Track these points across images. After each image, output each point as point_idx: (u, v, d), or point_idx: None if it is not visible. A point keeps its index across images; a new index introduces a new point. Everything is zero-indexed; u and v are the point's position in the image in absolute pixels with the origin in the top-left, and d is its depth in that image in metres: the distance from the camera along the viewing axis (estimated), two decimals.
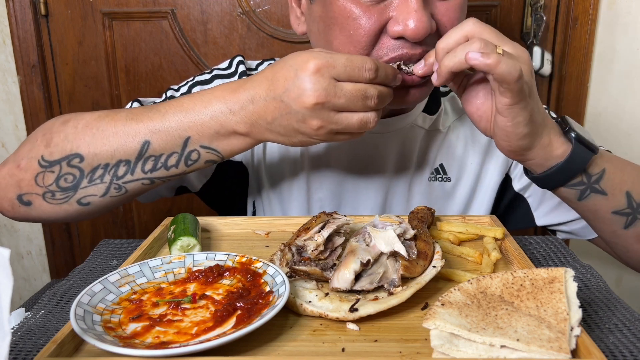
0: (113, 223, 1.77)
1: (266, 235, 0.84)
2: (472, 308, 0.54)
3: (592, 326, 0.59)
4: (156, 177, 0.77)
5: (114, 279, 0.62)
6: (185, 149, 0.75)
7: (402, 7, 0.75)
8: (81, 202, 0.77)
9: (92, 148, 0.75)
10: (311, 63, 0.67)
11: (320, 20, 0.83)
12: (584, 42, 1.51)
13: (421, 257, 0.64)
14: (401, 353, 0.52)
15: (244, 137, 0.75)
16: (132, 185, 0.77)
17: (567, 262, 0.77)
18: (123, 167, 0.75)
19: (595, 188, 0.74)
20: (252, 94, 0.72)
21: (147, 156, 0.75)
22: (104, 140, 0.75)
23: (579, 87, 1.55)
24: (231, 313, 0.56)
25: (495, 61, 0.62)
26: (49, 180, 0.76)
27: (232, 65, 1.01)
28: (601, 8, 1.49)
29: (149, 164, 0.76)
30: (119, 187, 0.77)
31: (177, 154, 0.75)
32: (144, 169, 0.76)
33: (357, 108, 0.69)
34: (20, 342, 0.57)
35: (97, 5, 1.55)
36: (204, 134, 0.74)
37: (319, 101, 0.67)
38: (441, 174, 0.98)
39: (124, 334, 0.54)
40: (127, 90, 1.63)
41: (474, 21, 0.67)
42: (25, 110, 1.64)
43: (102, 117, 0.78)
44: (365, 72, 0.68)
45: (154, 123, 0.75)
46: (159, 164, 0.76)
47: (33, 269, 1.83)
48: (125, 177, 0.76)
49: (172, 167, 0.76)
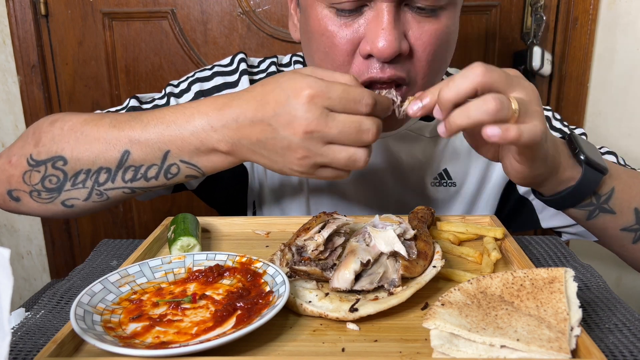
0: (113, 223, 1.77)
1: (266, 235, 0.84)
2: (472, 308, 0.54)
3: (592, 326, 0.59)
4: (136, 187, 0.76)
5: (114, 279, 0.62)
6: (164, 162, 0.73)
7: (372, 26, 0.73)
8: (65, 204, 0.77)
9: (75, 152, 0.75)
10: (306, 91, 0.64)
11: (304, 33, 0.83)
12: (584, 42, 1.51)
13: (421, 257, 0.64)
14: (401, 353, 0.52)
15: (226, 155, 0.72)
16: (114, 193, 0.77)
17: (567, 262, 0.77)
18: (104, 174, 0.75)
19: (604, 208, 0.74)
20: (237, 113, 0.69)
21: (127, 166, 0.74)
22: (87, 145, 0.75)
23: (579, 87, 1.55)
24: (231, 313, 0.56)
25: (517, 135, 0.58)
26: (35, 179, 0.76)
27: (234, 62, 1.00)
28: (601, 8, 1.49)
29: (129, 174, 0.75)
30: (101, 193, 0.76)
31: (157, 167, 0.74)
32: (124, 178, 0.75)
33: (350, 142, 0.65)
34: (20, 342, 0.57)
35: (97, 5, 1.55)
36: (184, 149, 0.72)
37: (308, 129, 0.64)
38: (445, 179, 0.97)
39: (124, 334, 0.54)
40: (127, 91, 1.62)
41: (481, 69, 0.59)
42: (25, 110, 1.64)
43: (87, 121, 0.77)
44: (362, 107, 0.64)
45: (135, 133, 0.73)
46: (139, 175, 0.75)
47: (33, 269, 1.83)
48: (107, 185, 0.75)
49: (152, 178, 0.75)
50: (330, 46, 0.77)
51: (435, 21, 0.75)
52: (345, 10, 0.74)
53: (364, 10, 0.74)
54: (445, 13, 0.76)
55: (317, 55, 0.80)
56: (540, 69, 1.50)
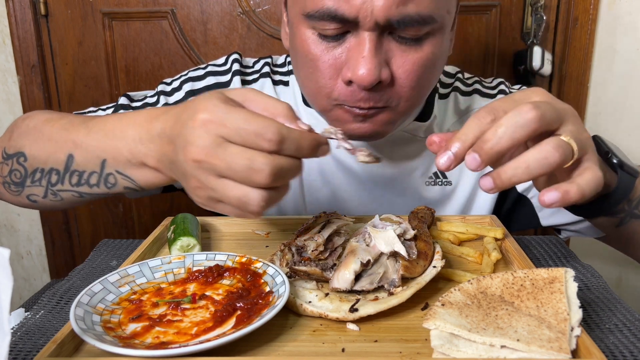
0: (113, 223, 1.77)
1: (266, 235, 0.84)
2: (472, 308, 0.54)
3: (592, 326, 0.59)
4: (82, 192, 0.74)
5: (113, 279, 0.62)
6: (103, 171, 0.71)
7: (353, 53, 0.72)
8: (30, 198, 0.79)
9: (33, 150, 0.76)
10: (201, 115, 0.56)
11: (291, 47, 0.83)
12: (584, 42, 1.51)
13: (421, 257, 0.64)
14: (401, 353, 0.52)
15: (154, 171, 0.67)
16: (65, 195, 0.76)
17: (567, 262, 0.77)
18: (54, 175, 0.74)
19: (635, 214, 0.71)
20: (162, 127, 0.64)
21: (73, 170, 0.73)
22: (41, 144, 0.75)
23: (579, 87, 1.55)
24: (231, 313, 0.56)
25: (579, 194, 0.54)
26: (5, 172, 0.79)
27: (228, 62, 1.00)
28: (601, 8, 1.49)
29: (74, 178, 0.73)
30: (55, 193, 0.76)
31: (97, 175, 0.72)
32: (70, 181, 0.74)
33: (239, 179, 0.55)
34: (20, 342, 0.57)
35: (97, 5, 1.55)
36: (118, 160, 0.69)
37: (196, 158, 0.56)
38: (441, 178, 0.97)
39: (123, 334, 0.54)
40: (127, 90, 1.61)
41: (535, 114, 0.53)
42: (25, 110, 1.64)
43: (48, 120, 0.77)
44: (264, 142, 0.54)
45: (80, 137, 0.72)
46: (83, 180, 0.73)
47: (33, 269, 1.83)
48: (57, 186, 0.75)
49: (94, 185, 0.73)
50: (314, 68, 0.76)
51: (419, 49, 0.73)
52: (329, 37, 0.73)
53: (347, 37, 0.73)
54: (430, 40, 0.74)
55: (303, 73, 0.79)
56: (540, 68, 1.50)
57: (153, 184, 0.69)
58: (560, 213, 0.94)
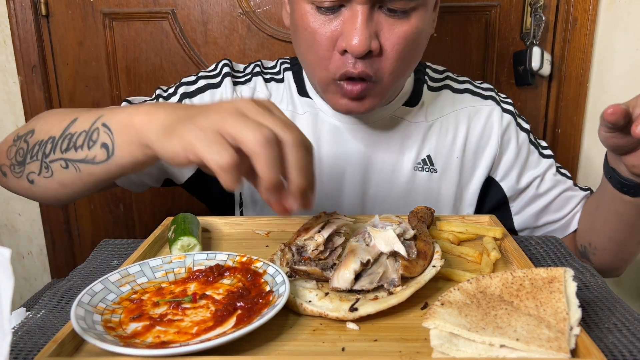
0: (113, 223, 1.77)
1: (266, 235, 0.84)
2: (472, 308, 0.54)
3: (591, 326, 0.59)
4: (68, 159, 0.74)
5: (114, 279, 0.62)
6: (92, 127, 0.71)
7: (347, 25, 0.80)
8: (28, 178, 0.80)
9: (42, 125, 0.79)
10: None
11: (291, 24, 0.90)
12: (584, 42, 1.51)
13: (421, 256, 0.64)
14: (401, 353, 0.52)
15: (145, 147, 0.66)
16: (55, 167, 0.75)
17: (566, 261, 0.77)
18: (49, 144, 0.76)
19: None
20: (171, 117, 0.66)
21: (67, 134, 0.74)
22: (53, 119, 0.78)
23: (578, 87, 1.55)
24: (231, 313, 0.56)
25: None
26: (12, 153, 0.81)
27: (218, 67, 1.05)
28: (601, 8, 1.49)
29: (65, 143, 0.74)
30: (47, 166, 0.76)
31: (85, 133, 0.72)
32: (61, 147, 0.74)
33: None
34: (20, 342, 0.58)
35: (98, 5, 1.55)
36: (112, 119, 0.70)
37: None
38: (428, 165, 1.00)
39: (124, 334, 0.54)
40: (127, 91, 1.63)
41: None
42: (26, 110, 1.64)
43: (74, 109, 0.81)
44: None
45: (93, 111, 0.75)
46: (71, 144, 0.73)
47: (33, 268, 1.83)
48: (50, 156, 0.76)
49: (79, 148, 0.72)
50: (312, 41, 0.84)
51: (405, 22, 0.82)
52: (325, 8, 0.81)
53: (341, 9, 0.81)
54: (416, 14, 0.82)
55: (303, 47, 0.87)
56: (539, 69, 1.50)
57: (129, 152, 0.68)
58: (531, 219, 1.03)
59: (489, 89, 1.06)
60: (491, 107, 1.02)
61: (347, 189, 1.00)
